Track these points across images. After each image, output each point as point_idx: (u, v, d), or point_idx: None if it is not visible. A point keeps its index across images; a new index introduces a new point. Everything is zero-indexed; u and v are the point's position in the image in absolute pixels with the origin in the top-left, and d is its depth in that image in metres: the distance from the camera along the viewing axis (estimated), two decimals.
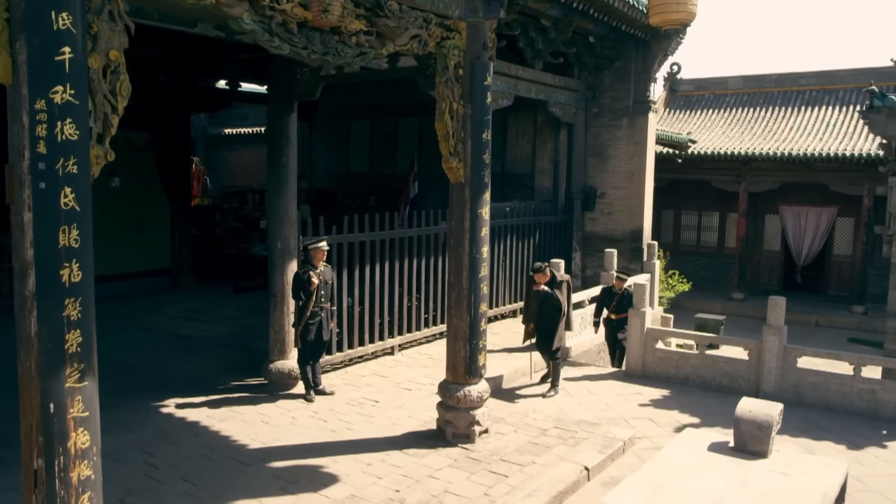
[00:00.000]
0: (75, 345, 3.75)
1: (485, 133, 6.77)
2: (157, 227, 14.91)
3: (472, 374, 7.02)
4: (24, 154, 3.59)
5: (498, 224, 12.14)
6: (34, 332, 3.67)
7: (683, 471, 4.65)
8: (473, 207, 6.80)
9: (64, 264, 3.68)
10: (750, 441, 4.87)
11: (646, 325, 10.08)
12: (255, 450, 6.80)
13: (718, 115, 23.20)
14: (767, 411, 4.88)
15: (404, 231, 10.14)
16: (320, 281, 8.01)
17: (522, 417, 7.89)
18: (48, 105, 3.57)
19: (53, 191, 3.62)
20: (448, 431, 7.04)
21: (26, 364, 3.73)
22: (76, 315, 3.73)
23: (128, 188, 13.76)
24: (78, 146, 3.70)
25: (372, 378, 9.17)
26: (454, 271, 6.96)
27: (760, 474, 4.60)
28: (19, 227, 3.66)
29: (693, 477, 4.59)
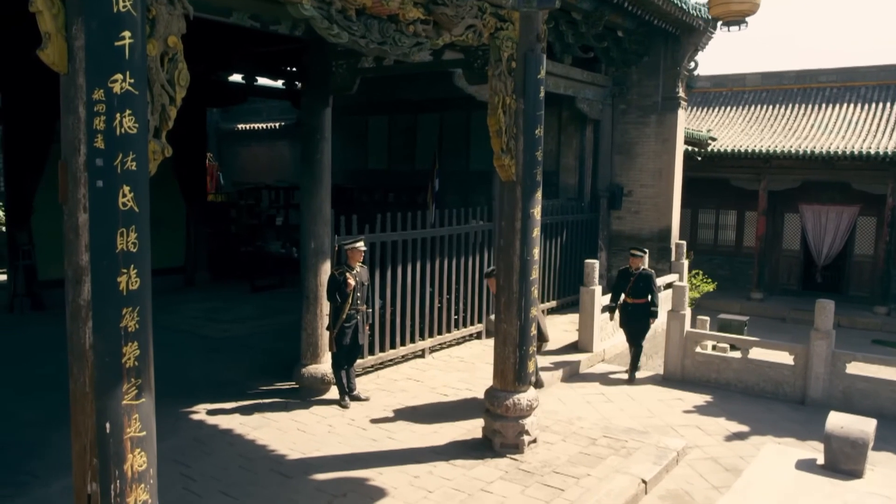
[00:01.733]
0: (132, 358, 3.42)
1: (538, 129, 6.45)
2: (172, 225, 14.56)
3: (521, 382, 6.70)
4: (80, 149, 3.26)
5: None
6: (88, 344, 3.34)
7: (777, 493, 4.32)
8: (525, 207, 6.48)
9: (122, 270, 3.35)
10: (843, 459, 4.55)
11: (685, 328, 9.74)
12: (295, 460, 6.48)
13: (737, 113, 22.83)
14: (861, 427, 4.56)
15: (435, 231, 9.80)
16: (357, 282, 7.69)
17: (568, 426, 7.56)
18: (107, 95, 3.23)
19: (111, 190, 3.29)
20: (496, 441, 6.72)
21: (79, 379, 3.40)
22: (133, 326, 3.40)
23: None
24: (137, 141, 3.37)
25: (405, 383, 8.85)
26: (504, 274, 6.63)
27: (861, 497, 4.28)
28: (73, 229, 3.32)
29: (790, 500, 4.27)
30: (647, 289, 9.54)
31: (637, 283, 9.55)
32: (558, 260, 12.92)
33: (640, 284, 9.53)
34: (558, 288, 13.02)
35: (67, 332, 3.44)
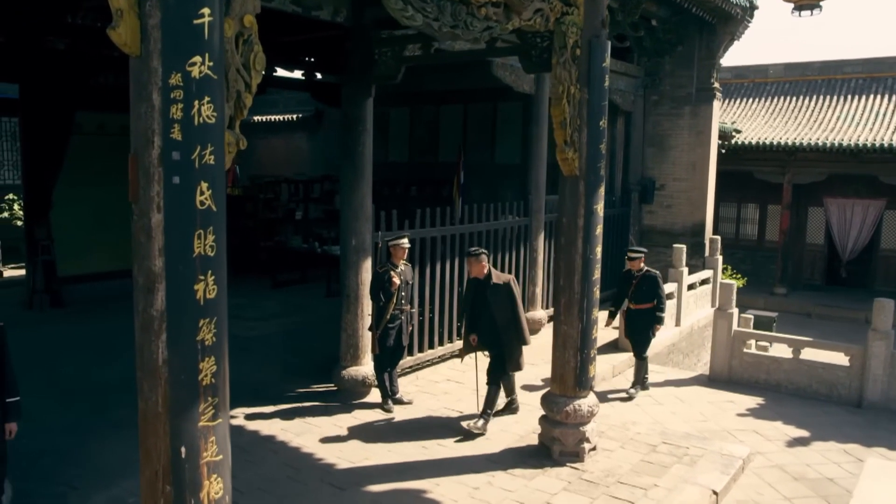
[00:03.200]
0: (209, 375, 3.07)
1: (602, 120, 6.08)
2: None
3: (581, 387, 6.35)
4: (154, 141, 2.90)
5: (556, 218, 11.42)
6: (162, 359, 2.99)
7: None
8: (588, 203, 6.11)
9: (199, 277, 2.99)
10: None
11: (733, 327, 9.38)
12: (344, 470, 6.13)
13: (759, 105, 22.41)
14: None
15: (473, 226, 9.44)
16: (401, 281, 7.33)
17: (624, 431, 7.21)
18: (184, 80, 2.87)
19: (189, 186, 2.93)
20: (554, 449, 6.37)
21: (151, 398, 3.05)
22: (211, 339, 3.05)
23: None
24: (215, 131, 3.01)
25: (447, 385, 8.50)
26: (564, 274, 6.26)
27: None
28: (144, 231, 2.96)
29: None
30: (651, 292, 8.60)
31: (640, 286, 8.67)
32: None
33: (644, 287, 8.64)
34: None
35: (137, 345, 3.09)
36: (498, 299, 6.93)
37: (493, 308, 6.94)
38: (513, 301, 6.97)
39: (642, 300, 8.59)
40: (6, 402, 4.60)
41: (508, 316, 6.96)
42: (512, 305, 6.97)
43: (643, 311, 8.58)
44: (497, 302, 6.93)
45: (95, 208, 12.33)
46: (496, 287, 6.98)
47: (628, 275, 8.81)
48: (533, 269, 10.70)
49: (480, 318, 7.07)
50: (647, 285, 8.54)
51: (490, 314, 6.97)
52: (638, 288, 8.59)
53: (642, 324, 8.64)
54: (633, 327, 8.80)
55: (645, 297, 8.55)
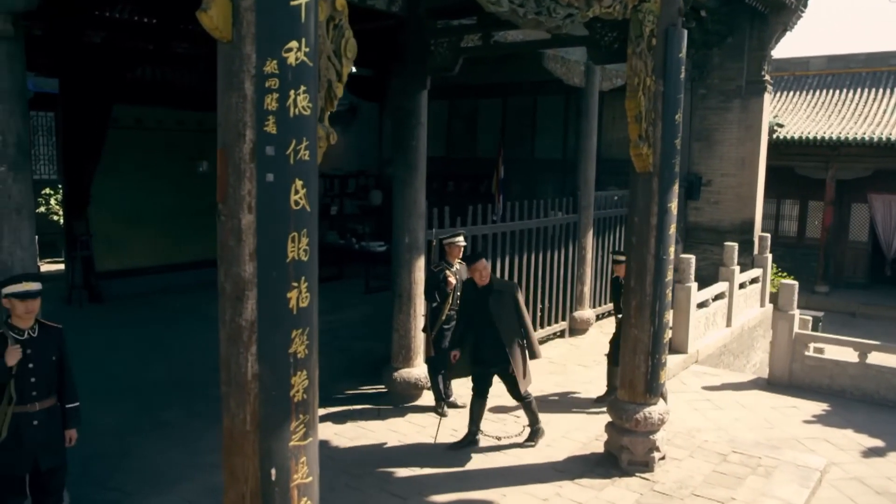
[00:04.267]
0: (301, 391, 2.81)
1: (678, 114, 5.75)
2: None
3: (652, 393, 6.04)
4: (245, 135, 2.64)
5: (605, 215, 11.14)
6: (251, 374, 2.73)
7: None
8: (662, 201, 5.79)
9: (292, 284, 2.73)
10: None
11: (794, 329, 9.01)
12: (404, 479, 5.88)
13: (801, 98, 21.84)
14: None
15: (524, 223, 9.15)
16: (457, 280, 7.05)
17: (689, 438, 6.89)
18: (280, 67, 2.60)
19: (283, 184, 2.67)
20: (623, 458, 6.07)
21: (238, 415, 2.79)
22: (303, 351, 2.79)
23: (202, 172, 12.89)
24: (310, 124, 2.74)
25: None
26: (635, 275, 5.95)
27: None
28: (234, 233, 2.70)
29: None
30: None
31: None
32: None
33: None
34: None
35: (222, 357, 2.84)
36: (502, 308, 6.10)
37: (497, 318, 6.07)
38: (519, 309, 6.19)
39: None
40: (66, 408, 4.38)
41: (515, 327, 6.15)
42: (518, 314, 6.18)
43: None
44: (501, 311, 6.09)
45: (132, 203, 12.20)
46: (500, 294, 6.14)
47: (616, 283, 7.65)
48: (581, 267, 10.39)
49: (477, 330, 6.21)
50: None
51: (492, 325, 6.08)
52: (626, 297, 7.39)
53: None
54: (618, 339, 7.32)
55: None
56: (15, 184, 4.39)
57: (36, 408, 4.17)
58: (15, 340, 4.09)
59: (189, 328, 10.24)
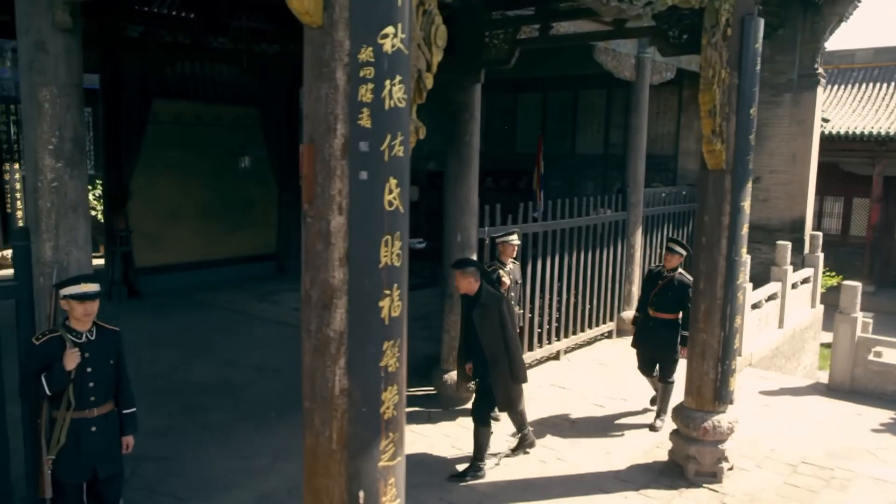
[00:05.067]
0: (392, 407, 2.59)
1: (752, 108, 5.46)
2: (264, 210, 13.94)
3: (721, 401, 5.77)
4: (337, 129, 2.41)
5: (654, 212, 10.81)
6: (339, 389, 2.52)
7: None
8: (735, 200, 5.50)
9: (384, 292, 2.51)
10: None
11: (857, 333, 8.64)
12: (463, 488, 5.68)
13: (846, 92, 21.25)
14: None
15: (573, 221, 8.86)
16: (511, 281, 6.81)
17: (755, 447, 6.60)
18: (376, 55, 2.38)
19: (377, 183, 2.44)
20: (689, 468, 5.79)
21: (324, 433, 2.58)
22: (394, 365, 2.57)
23: (240, 168, 12.78)
24: (404, 117, 2.51)
25: (550, 390, 7.98)
26: (705, 277, 5.67)
27: None
28: (322, 236, 2.48)
29: None
30: (678, 301, 6.72)
31: (665, 291, 6.84)
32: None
33: (669, 293, 6.79)
34: None
35: (306, 370, 2.63)
36: (484, 322, 5.57)
37: (479, 332, 5.59)
38: (504, 326, 5.60)
39: (665, 308, 6.81)
40: (123, 414, 4.21)
41: (499, 343, 5.60)
42: (503, 331, 5.60)
43: (664, 321, 6.81)
44: (483, 325, 5.58)
45: (170, 198, 12.13)
46: (484, 307, 5.59)
47: (655, 274, 7.05)
48: (629, 266, 10.09)
49: (471, 341, 5.79)
50: (673, 291, 6.76)
51: (477, 339, 5.65)
52: (662, 292, 6.83)
53: (660, 336, 6.83)
54: (651, 341, 6.93)
55: (668, 306, 6.79)
56: (71, 181, 4.24)
57: (94, 413, 4.01)
58: (73, 343, 3.92)
59: (228, 326, 10.12)
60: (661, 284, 6.87)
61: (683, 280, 6.72)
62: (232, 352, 8.96)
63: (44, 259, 4.23)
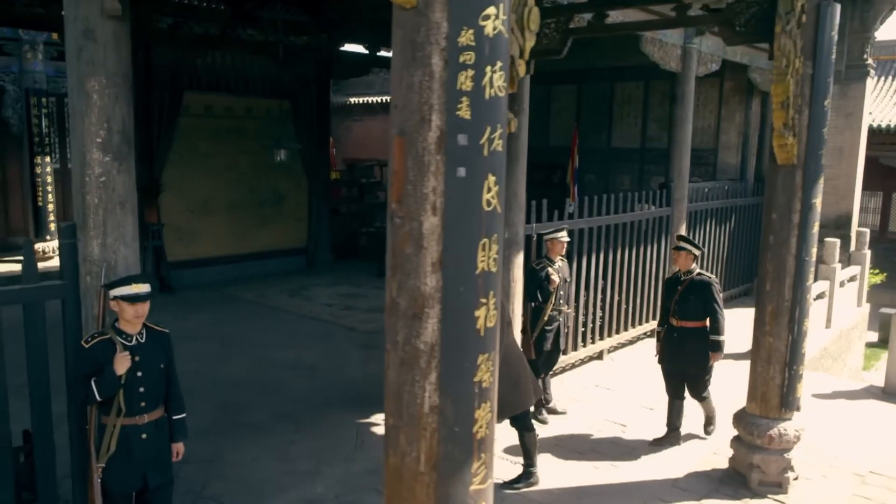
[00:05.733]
0: (484, 426, 2.36)
1: (826, 100, 5.15)
2: (295, 203, 13.79)
3: (788, 408, 5.50)
4: (432, 120, 2.18)
5: (698, 208, 10.51)
6: (429, 406, 2.30)
7: None
8: (806, 197, 5.21)
9: (480, 300, 2.28)
10: None
11: None
12: (515, 494, 5.44)
13: (888, 84, 20.73)
14: None
15: (618, 217, 8.60)
16: (560, 279, 6.57)
17: (815, 455, 6.30)
18: (477, 39, 2.14)
19: (475, 180, 2.21)
20: (753, 478, 5.53)
21: (410, 454, 2.36)
22: (488, 381, 2.34)
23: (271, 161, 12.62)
24: (503, 107, 2.27)
25: (596, 391, 7.73)
26: (772, 277, 5.39)
27: None
28: (412, 238, 2.26)
29: None
30: (701, 306, 6.02)
31: (686, 296, 6.08)
32: (725, 249, 11.53)
33: (691, 297, 6.05)
34: (725, 279, 11.65)
35: (390, 385, 2.40)
36: None
37: None
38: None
39: (689, 315, 6.06)
40: (173, 420, 4.02)
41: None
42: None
43: (691, 331, 6.08)
44: None
45: (201, 192, 12.00)
46: None
47: (673, 279, 6.34)
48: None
49: None
50: (695, 294, 6.03)
51: None
52: (684, 298, 6.09)
53: (692, 350, 6.09)
54: (679, 354, 6.17)
55: (692, 312, 6.05)
56: (119, 175, 4.06)
57: (144, 420, 3.82)
58: (123, 346, 3.73)
59: (261, 321, 9.98)
60: (681, 290, 6.11)
61: (704, 279, 6.07)
62: (266, 348, 8.81)
63: (91, 257, 4.05)
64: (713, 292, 5.99)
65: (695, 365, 6.14)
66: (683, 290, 6.11)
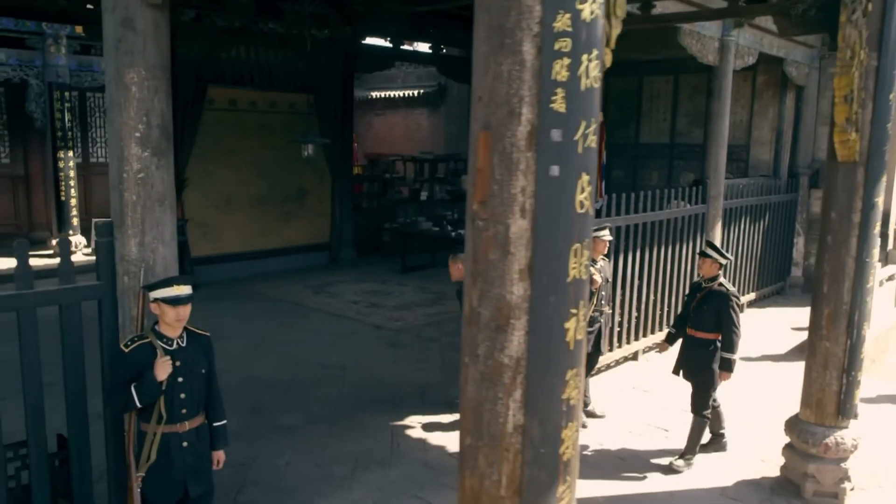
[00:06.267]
0: (571, 446, 2.17)
1: (892, 93, 4.90)
2: (318, 198, 13.64)
3: (845, 415, 5.28)
4: (522, 113, 1.99)
5: (733, 205, 10.26)
6: (513, 425, 2.11)
7: None
8: (868, 195, 4.98)
9: (570, 311, 2.08)
10: None
11: None
12: None
13: None
14: None
15: (655, 214, 8.39)
16: (602, 279, 6.36)
17: (869, 463, 6.06)
18: (574, 24, 1.94)
19: (569, 180, 2.01)
20: (807, 488, 5.31)
21: (490, 476, 2.17)
22: (576, 398, 2.14)
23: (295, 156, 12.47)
24: (596, 100, 2.07)
25: (633, 394, 7.52)
26: (830, 279, 5.17)
27: None
28: (498, 243, 2.06)
29: None
30: (715, 317, 5.66)
31: (702, 305, 5.78)
32: (759, 247, 11.27)
33: (705, 307, 5.73)
34: (758, 278, 11.39)
35: (469, 401, 2.21)
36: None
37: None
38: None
39: (702, 326, 5.74)
40: (213, 427, 3.86)
41: None
42: None
43: (700, 341, 5.76)
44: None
45: (225, 187, 11.87)
46: (460, 294, 5.21)
47: (696, 286, 6.06)
48: None
49: None
50: (709, 304, 5.71)
51: None
52: (700, 306, 5.78)
53: (697, 361, 5.78)
54: (686, 362, 5.94)
55: (706, 322, 5.71)
56: (158, 171, 3.89)
57: (185, 427, 3.66)
58: (164, 351, 3.56)
59: (286, 318, 9.84)
60: (699, 297, 5.81)
61: (722, 291, 5.70)
62: (293, 346, 8.66)
63: (128, 257, 3.89)
64: (729, 306, 5.61)
65: (698, 375, 5.81)
66: (701, 298, 5.81)
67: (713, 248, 5.90)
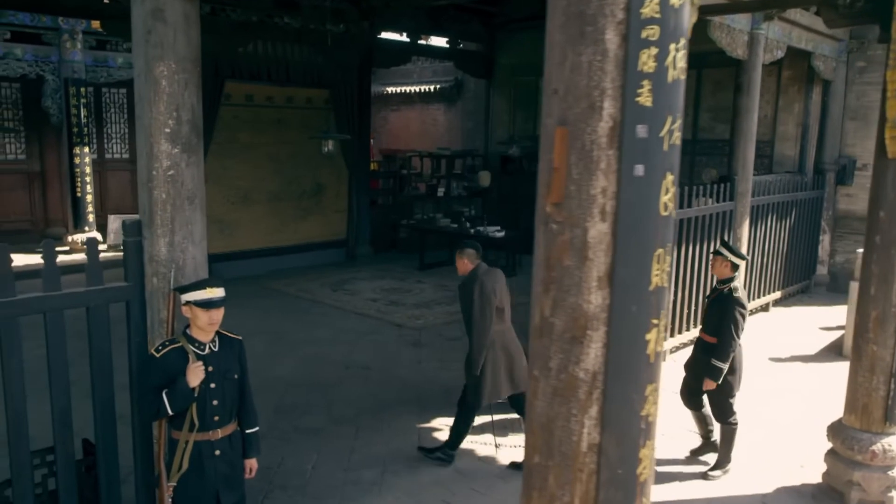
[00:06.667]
0: (648, 466, 2.01)
1: None
2: (335, 195, 13.52)
3: (892, 421, 5.10)
4: (603, 107, 1.82)
5: (760, 202, 10.05)
6: (587, 444, 1.94)
7: None
8: None
9: (652, 321, 1.91)
10: None
11: None
12: None
13: None
14: None
15: (685, 212, 8.20)
16: None
17: None
18: (663, 10, 1.77)
19: (654, 180, 1.85)
20: (852, 496, 5.13)
21: (562, 498, 2.02)
22: (654, 414, 1.98)
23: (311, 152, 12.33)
24: (682, 93, 1.90)
25: (663, 395, 7.27)
26: (878, 280, 4.98)
27: None
28: (574, 247, 1.90)
29: None
30: (717, 321, 5.37)
31: (711, 307, 5.54)
32: (785, 244, 11.06)
33: (713, 310, 5.48)
34: (783, 276, 11.18)
35: (538, 417, 2.05)
36: (461, 303, 5.33)
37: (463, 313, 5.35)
38: (471, 305, 5.16)
39: (707, 329, 5.53)
40: (245, 434, 3.72)
41: (468, 325, 5.25)
42: (470, 311, 5.19)
43: (705, 345, 5.52)
44: (461, 306, 5.33)
45: (242, 183, 11.76)
46: (461, 287, 5.34)
47: (714, 287, 5.80)
48: None
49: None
50: (715, 308, 5.44)
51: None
52: (709, 309, 5.56)
53: (699, 365, 5.57)
54: (693, 367, 5.74)
55: (710, 326, 5.47)
56: (188, 168, 3.75)
57: (218, 435, 3.52)
58: (196, 356, 3.42)
59: (306, 316, 9.72)
60: (711, 299, 5.60)
61: (732, 294, 5.34)
62: (314, 345, 8.54)
63: (158, 257, 3.75)
64: (732, 309, 5.28)
65: (698, 382, 5.61)
66: (712, 300, 5.57)
67: (727, 247, 5.64)
